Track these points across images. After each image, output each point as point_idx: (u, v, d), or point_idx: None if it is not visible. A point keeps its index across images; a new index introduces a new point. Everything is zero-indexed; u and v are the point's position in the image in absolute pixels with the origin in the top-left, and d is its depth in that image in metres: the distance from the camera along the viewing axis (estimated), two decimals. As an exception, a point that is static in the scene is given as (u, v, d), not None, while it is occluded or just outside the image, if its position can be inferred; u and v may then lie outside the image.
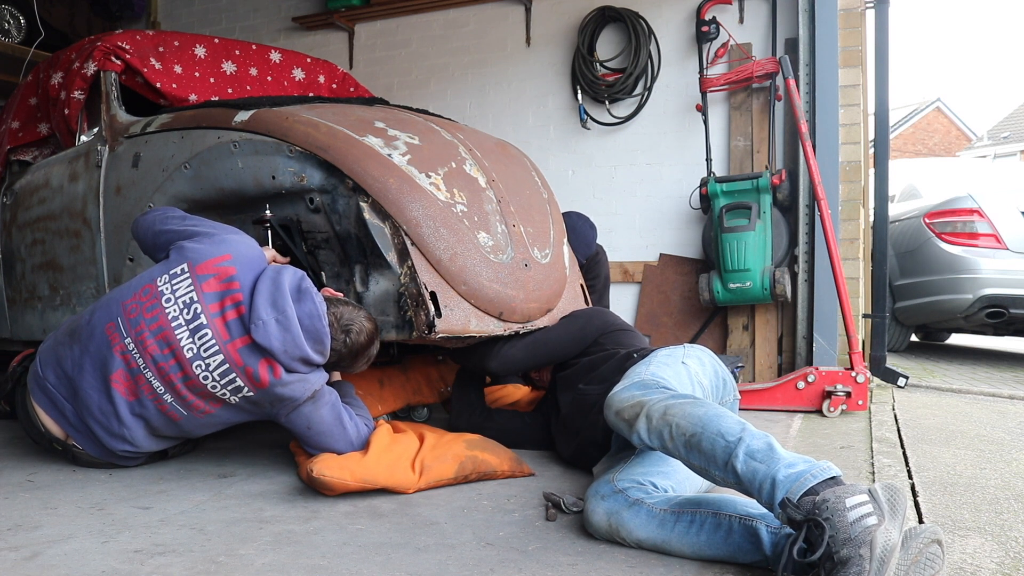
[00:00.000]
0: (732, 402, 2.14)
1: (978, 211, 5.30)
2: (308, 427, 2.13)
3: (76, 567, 1.51)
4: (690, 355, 2.09)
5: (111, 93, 3.05)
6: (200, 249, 2.12)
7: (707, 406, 1.60)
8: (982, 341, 7.87)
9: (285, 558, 1.57)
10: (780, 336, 4.19)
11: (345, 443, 2.15)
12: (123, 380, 2.09)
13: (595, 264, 3.55)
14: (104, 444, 2.18)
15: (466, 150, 2.66)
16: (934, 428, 3.10)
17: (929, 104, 24.66)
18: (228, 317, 2.05)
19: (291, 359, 2.05)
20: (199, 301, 2.06)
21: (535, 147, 4.61)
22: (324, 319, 2.08)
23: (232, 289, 2.07)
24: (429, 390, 2.96)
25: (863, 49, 4.17)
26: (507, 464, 2.23)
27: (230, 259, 2.11)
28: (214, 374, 2.05)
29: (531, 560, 1.57)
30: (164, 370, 2.06)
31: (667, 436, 1.59)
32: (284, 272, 2.11)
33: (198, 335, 2.04)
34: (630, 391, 1.76)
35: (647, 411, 1.65)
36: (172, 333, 2.05)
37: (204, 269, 2.09)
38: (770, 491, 1.40)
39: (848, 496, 1.33)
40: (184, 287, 2.08)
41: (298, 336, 2.02)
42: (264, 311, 2.02)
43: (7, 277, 3.50)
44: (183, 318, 2.05)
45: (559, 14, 4.79)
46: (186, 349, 2.04)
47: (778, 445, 1.47)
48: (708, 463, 1.52)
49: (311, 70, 3.80)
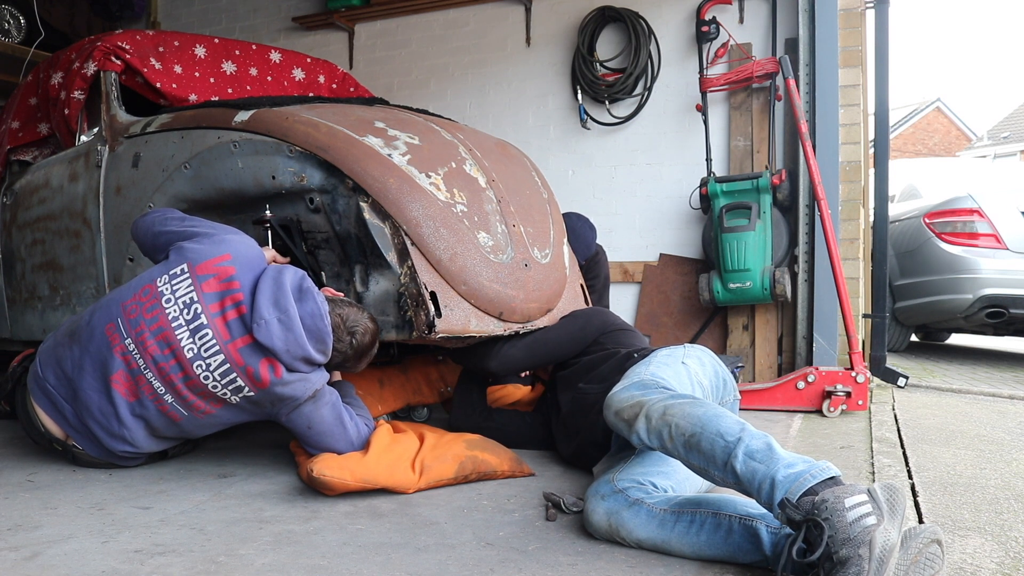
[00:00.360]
0: (732, 402, 2.15)
1: (978, 211, 5.31)
2: (309, 427, 2.13)
3: (76, 567, 1.51)
4: (690, 355, 2.09)
5: (111, 93, 3.05)
6: (199, 249, 2.12)
7: (706, 406, 1.60)
8: (982, 341, 7.87)
9: (285, 558, 1.57)
10: (780, 336, 4.19)
11: (345, 443, 2.15)
12: (123, 381, 2.09)
13: (595, 264, 3.55)
14: (104, 445, 2.18)
15: (466, 150, 2.66)
16: (934, 428, 3.10)
17: (929, 104, 24.66)
18: (229, 317, 2.05)
19: (293, 358, 2.05)
20: (199, 301, 2.05)
21: (535, 147, 4.61)
22: (326, 319, 2.08)
23: (232, 289, 2.07)
24: (429, 390, 2.96)
25: (863, 49, 4.17)
26: (507, 464, 2.23)
27: (230, 259, 2.11)
28: (215, 374, 2.05)
29: (531, 560, 1.57)
30: (165, 370, 2.06)
31: (666, 436, 1.59)
32: (285, 272, 2.11)
33: (198, 335, 2.04)
34: (629, 391, 1.76)
35: (646, 411, 1.65)
36: (172, 333, 2.05)
37: (204, 269, 2.09)
38: (769, 491, 1.40)
39: (847, 496, 1.33)
40: (184, 287, 2.08)
41: (300, 336, 2.02)
42: (266, 310, 2.02)
43: (7, 277, 3.50)
44: (183, 318, 2.05)
45: (559, 14, 4.79)
46: (187, 349, 2.04)
47: (777, 445, 1.47)
48: (707, 463, 1.52)
49: (311, 70, 3.80)
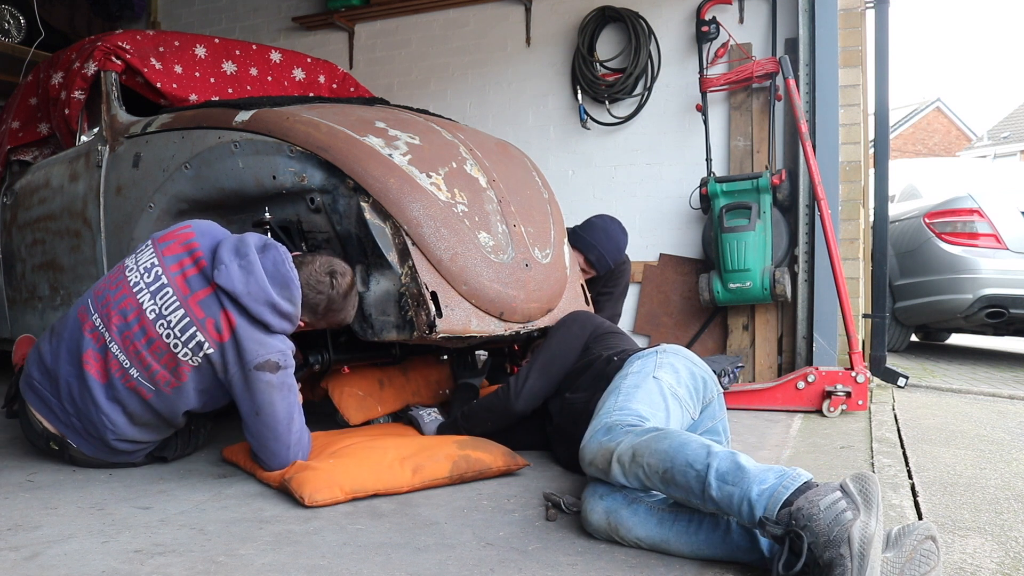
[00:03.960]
0: (717, 398, 2.11)
1: (978, 211, 5.30)
2: (257, 412, 2.08)
3: (76, 567, 1.51)
4: (662, 364, 2.03)
5: (111, 93, 3.05)
6: (164, 228, 2.28)
7: (671, 437, 1.59)
8: (982, 341, 7.87)
9: (285, 558, 1.57)
10: (780, 336, 4.19)
11: (284, 446, 2.10)
12: (94, 361, 2.11)
13: (620, 273, 3.52)
14: (91, 435, 2.16)
15: (467, 150, 2.66)
16: (934, 428, 3.10)
17: (929, 104, 24.66)
18: (188, 274, 2.11)
19: (257, 303, 2.04)
20: (159, 264, 2.13)
21: (535, 147, 4.61)
22: (290, 266, 2.10)
23: (192, 249, 2.15)
24: (429, 392, 2.96)
25: (863, 49, 4.17)
26: (501, 460, 2.22)
27: (190, 227, 2.22)
28: (175, 330, 2.06)
29: (531, 560, 1.57)
30: (129, 338, 2.08)
31: (643, 476, 1.60)
32: (248, 234, 2.17)
33: (159, 295, 2.09)
34: (597, 439, 1.74)
35: (617, 456, 1.65)
36: (135, 298, 2.10)
37: (165, 239, 2.20)
38: (749, 512, 1.41)
39: (820, 498, 1.34)
40: (147, 255, 2.17)
41: (262, 279, 2.05)
42: (227, 256, 2.07)
43: (7, 277, 3.50)
44: (144, 282, 2.12)
45: (559, 14, 4.79)
46: (148, 311, 2.08)
47: (745, 459, 1.47)
48: (687, 495, 1.52)
49: (311, 70, 3.80)
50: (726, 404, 2.22)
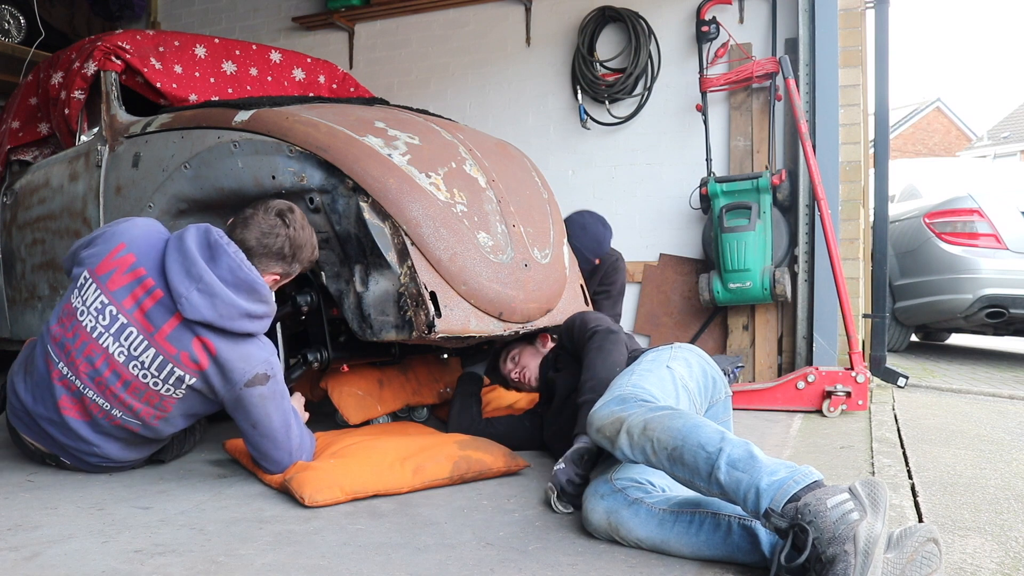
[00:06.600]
0: (724, 399, 2.12)
1: (978, 211, 5.31)
2: (254, 426, 2.05)
3: (76, 567, 1.51)
4: (676, 357, 2.05)
5: (111, 93, 3.05)
6: (94, 252, 2.07)
7: (685, 417, 1.59)
8: (982, 341, 7.87)
9: (285, 558, 1.57)
10: (780, 336, 4.19)
11: (286, 451, 2.08)
12: (71, 405, 2.04)
13: (613, 271, 3.50)
14: (84, 458, 2.14)
15: (466, 150, 2.66)
16: (934, 428, 3.10)
17: (929, 104, 24.65)
18: (146, 307, 1.98)
19: (232, 320, 1.96)
20: (111, 303, 1.99)
21: (535, 147, 4.61)
22: (247, 268, 1.99)
23: (139, 277, 2.00)
24: (429, 390, 2.96)
25: (863, 49, 4.17)
26: (501, 460, 2.22)
27: (125, 247, 2.04)
28: (151, 371, 1.99)
29: (531, 560, 1.57)
30: (102, 384, 2.00)
31: (649, 451, 1.59)
32: (187, 235, 2.01)
33: (123, 336, 1.98)
34: (609, 407, 1.75)
35: (627, 427, 1.64)
36: (98, 344, 1.99)
37: (103, 268, 2.02)
38: (755, 501, 1.40)
39: (829, 497, 1.34)
40: (92, 294, 2.01)
41: (228, 297, 1.94)
42: (182, 286, 1.93)
43: (7, 277, 3.50)
44: (101, 326, 1.99)
45: (559, 14, 4.79)
46: (116, 354, 1.98)
47: (758, 451, 1.47)
48: (692, 475, 1.52)
49: (311, 70, 3.80)
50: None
